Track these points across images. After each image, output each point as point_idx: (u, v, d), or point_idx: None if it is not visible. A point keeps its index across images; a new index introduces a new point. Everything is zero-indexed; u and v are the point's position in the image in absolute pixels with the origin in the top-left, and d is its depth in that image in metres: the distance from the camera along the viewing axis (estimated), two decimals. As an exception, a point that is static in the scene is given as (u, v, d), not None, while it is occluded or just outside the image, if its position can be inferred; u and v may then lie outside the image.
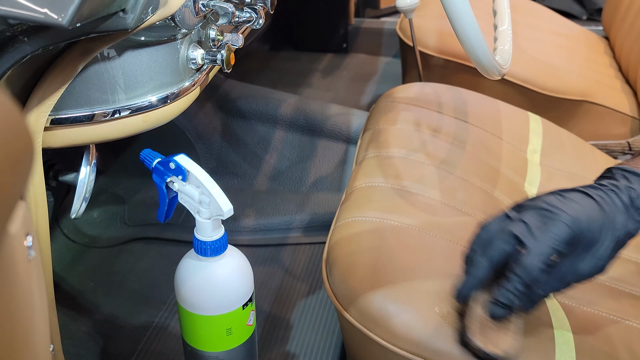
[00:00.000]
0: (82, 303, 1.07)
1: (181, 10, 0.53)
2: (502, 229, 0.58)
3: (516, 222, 0.57)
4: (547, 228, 0.55)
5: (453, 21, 0.66)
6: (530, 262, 0.54)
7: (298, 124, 1.40)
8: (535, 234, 0.55)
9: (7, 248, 0.29)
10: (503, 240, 0.57)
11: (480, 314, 0.58)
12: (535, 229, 0.55)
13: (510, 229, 0.57)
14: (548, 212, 0.56)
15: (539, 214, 0.57)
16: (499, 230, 0.58)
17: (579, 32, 1.56)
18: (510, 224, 0.58)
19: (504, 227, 0.58)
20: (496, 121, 1.01)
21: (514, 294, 0.55)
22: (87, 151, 0.64)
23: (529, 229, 0.56)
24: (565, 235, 0.55)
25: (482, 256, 0.58)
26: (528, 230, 0.56)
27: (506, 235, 0.57)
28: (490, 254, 0.57)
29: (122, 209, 1.28)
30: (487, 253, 0.57)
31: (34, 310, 0.34)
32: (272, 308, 1.06)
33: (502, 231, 0.57)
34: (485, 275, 0.58)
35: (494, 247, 0.57)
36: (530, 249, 0.55)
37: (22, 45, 0.45)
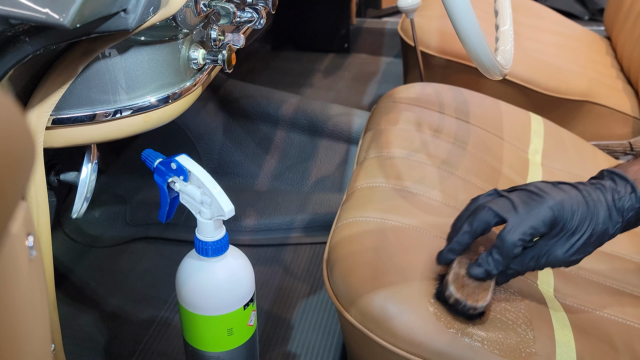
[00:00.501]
0: (83, 302, 1.07)
1: (182, 11, 0.53)
2: (488, 202, 0.63)
3: (503, 198, 0.62)
4: (531, 208, 0.60)
5: (454, 21, 0.66)
6: (508, 237, 0.59)
7: (299, 124, 1.40)
8: (519, 212, 0.60)
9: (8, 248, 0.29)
10: (487, 213, 0.61)
11: (459, 272, 0.62)
12: (519, 207, 0.60)
13: (495, 204, 0.62)
14: (535, 195, 0.61)
15: (526, 195, 0.61)
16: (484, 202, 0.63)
17: (581, 33, 1.56)
18: (497, 199, 0.63)
19: (490, 201, 0.63)
20: (497, 121, 1.01)
21: (492, 261, 0.60)
22: (88, 151, 0.64)
23: (513, 206, 0.61)
24: (546, 217, 0.59)
25: (466, 224, 0.63)
26: (512, 206, 0.61)
27: (489, 208, 0.61)
28: (473, 223, 0.62)
29: (124, 209, 1.28)
30: (472, 223, 0.62)
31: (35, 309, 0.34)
32: (273, 308, 1.06)
33: (488, 203, 0.62)
34: (467, 242, 0.63)
35: (478, 218, 0.62)
36: (510, 225, 0.60)
37: (24, 45, 0.46)
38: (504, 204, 0.61)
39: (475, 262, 0.62)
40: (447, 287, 0.62)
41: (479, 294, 0.61)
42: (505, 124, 1.01)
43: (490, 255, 0.61)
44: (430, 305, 0.64)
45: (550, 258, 0.61)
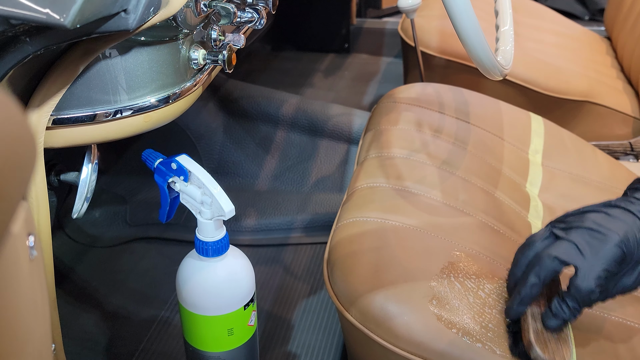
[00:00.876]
0: (84, 302, 1.07)
1: (183, 11, 0.53)
2: (550, 248, 0.59)
3: (565, 242, 0.59)
4: (599, 250, 0.57)
5: (455, 21, 0.66)
6: (585, 284, 0.57)
7: (299, 124, 1.40)
8: (586, 256, 0.57)
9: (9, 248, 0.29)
10: (553, 260, 0.58)
11: (536, 327, 0.60)
12: (586, 251, 0.57)
13: (559, 250, 0.59)
14: (598, 233, 0.58)
15: (588, 234, 0.58)
16: (546, 248, 0.60)
17: (581, 33, 1.56)
18: (559, 244, 0.59)
19: (553, 247, 0.59)
20: (498, 122, 1.01)
21: (567, 310, 0.58)
22: (88, 151, 0.64)
23: (579, 250, 0.58)
24: (616, 256, 0.57)
25: (532, 275, 0.59)
26: (578, 251, 0.58)
27: (556, 256, 0.58)
28: (541, 273, 0.59)
29: (124, 209, 1.28)
30: (538, 272, 0.59)
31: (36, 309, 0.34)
32: (274, 308, 1.06)
33: (551, 251, 0.59)
34: (536, 294, 0.60)
35: (544, 266, 0.59)
36: (582, 271, 0.57)
37: (24, 45, 0.46)
38: (568, 250, 0.58)
39: (550, 312, 0.59)
40: (532, 348, 0.58)
41: (563, 349, 0.59)
42: (505, 124, 1.01)
43: (564, 304, 0.59)
44: (431, 306, 0.64)
45: (619, 288, 0.59)
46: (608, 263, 0.57)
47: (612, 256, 0.57)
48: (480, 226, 0.77)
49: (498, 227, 0.79)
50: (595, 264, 0.57)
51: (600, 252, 0.57)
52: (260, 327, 1.02)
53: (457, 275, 0.67)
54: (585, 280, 0.57)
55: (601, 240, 0.57)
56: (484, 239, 0.75)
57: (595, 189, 0.93)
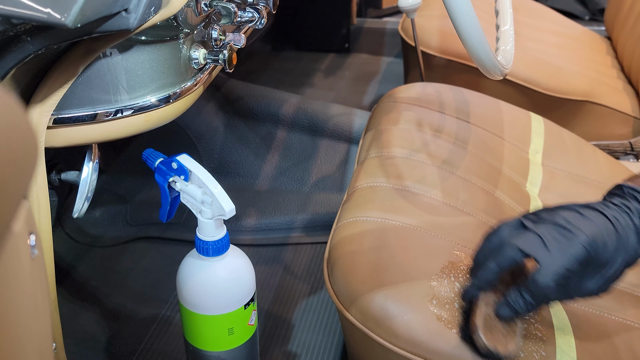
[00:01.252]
0: (84, 302, 1.07)
1: (183, 10, 0.53)
2: (515, 237, 0.58)
3: (531, 233, 0.58)
4: (563, 247, 0.55)
5: (455, 21, 0.66)
6: (543, 280, 0.55)
7: (300, 123, 1.40)
8: (550, 251, 0.56)
9: (10, 247, 0.29)
10: (515, 250, 0.57)
11: (486, 312, 0.59)
12: (551, 245, 0.56)
13: (523, 241, 0.57)
14: (566, 230, 0.56)
15: (556, 230, 0.57)
16: (511, 237, 0.59)
17: (581, 33, 1.56)
18: (524, 234, 0.58)
19: (518, 236, 0.58)
20: (498, 121, 1.01)
21: (522, 303, 0.57)
22: (89, 150, 0.64)
23: (544, 244, 0.56)
24: (581, 256, 0.55)
25: (492, 261, 0.58)
26: (543, 245, 0.56)
27: (518, 246, 0.57)
28: (500, 261, 0.58)
29: (124, 209, 1.28)
30: (498, 259, 0.58)
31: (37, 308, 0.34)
32: (274, 308, 1.06)
33: (515, 240, 0.58)
34: (493, 280, 0.59)
35: (505, 254, 0.57)
36: (544, 266, 0.55)
37: (25, 44, 0.46)
38: (532, 241, 0.57)
39: (504, 301, 0.58)
40: (476, 331, 0.58)
41: (508, 340, 0.58)
42: (505, 124, 1.01)
43: (520, 296, 0.57)
44: (431, 305, 0.64)
45: (582, 290, 0.57)
46: (570, 262, 0.55)
47: (576, 255, 0.55)
48: (481, 226, 0.77)
49: (498, 227, 0.79)
50: (558, 260, 0.55)
51: (564, 249, 0.55)
52: (261, 327, 1.02)
53: (458, 275, 0.67)
54: (544, 275, 0.55)
55: (568, 238, 0.56)
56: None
57: (596, 189, 0.93)
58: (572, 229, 0.56)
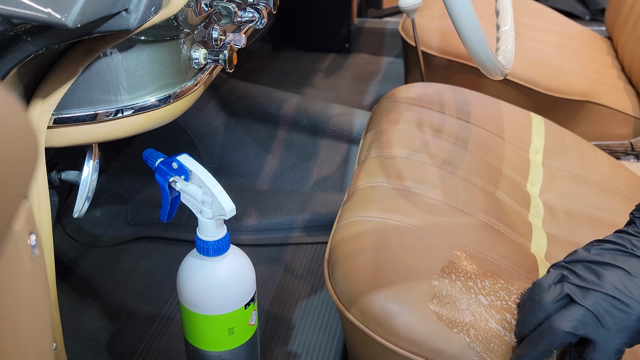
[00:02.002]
0: (85, 302, 1.07)
1: (184, 10, 0.53)
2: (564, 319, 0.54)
3: (581, 310, 0.54)
4: (620, 322, 0.53)
5: (455, 21, 0.66)
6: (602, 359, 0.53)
7: (300, 123, 1.40)
8: (607, 328, 0.53)
9: (11, 246, 0.29)
10: (567, 335, 0.54)
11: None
12: (606, 322, 0.53)
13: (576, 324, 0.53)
14: (619, 302, 0.53)
15: (608, 303, 0.53)
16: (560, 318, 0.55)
17: (582, 33, 1.56)
18: (574, 312, 0.54)
19: (567, 317, 0.54)
20: (498, 121, 1.01)
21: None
22: (89, 150, 0.64)
23: (598, 321, 0.53)
24: (638, 328, 0.53)
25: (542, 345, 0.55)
26: (597, 322, 0.53)
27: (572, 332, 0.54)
28: (553, 345, 0.55)
29: (125, 208, 1.28)
30: (551, 344, 0.55)
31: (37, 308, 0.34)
32: (274, 308, 1.06)
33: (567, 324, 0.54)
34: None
35: (557, 339, 0.54)
36: (601, 345, 0.53)
37: (26, 44, 0.46)
38: (586, 321, 0.53)
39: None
40: None
41: None
42: (506, 124, 1.01)
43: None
44: (432, 305, 0.64)
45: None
46: (630, 336, 0.52)
47: (634, 329, 0.52)
48: (481, 226, 0.77)
49: (499, 227, 0.79)
50: (615, 339, 0.52)
51: (620, 324, 0.52)
52: (261, 327, 1.02)
53: (458, 274, 0.67)
54: (604, 355, 0.52)
55: (623, 312, 0.52)
56: (485, 239, 0.75)
57: (596, 189, 0.93)
58: (626, 301, 0.53)
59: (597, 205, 0.90)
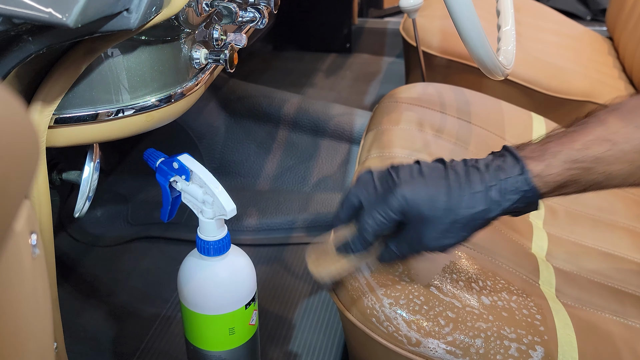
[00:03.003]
0: (85, 301, 1.07)
1: (185, 10, 0.53)
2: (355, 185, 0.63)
3: (367, 176, 0.62)
4: (383, 193, 0.59)
5: (456, 21, 0.66)
6: (363, 219, 0.59)
7: (301, 123, 1.40)
8: (377, 192, 0.60)
9: (12, 246, 0.29)
10: (354, 197, 0.62)
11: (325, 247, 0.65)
12: (377, 189, 0.60)
13: (358, 186, 0.62)
14: (390, 179, 0.60)
15: (385, 177, 0.61)
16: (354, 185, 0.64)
17: (583, 33, 1.56)
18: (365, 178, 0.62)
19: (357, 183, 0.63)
20: (499, 121, 1.01)
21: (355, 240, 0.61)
22: (90, 150, 0.64)
23: (373, 186, 0.61)
24: (395, 206, 0.57)
25: (340, 207, 0.64)
26: (372, 187, 0.61)
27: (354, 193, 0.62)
28: (345, 207, 0.63)
29: (126, 208, 1.29)
30: (344, 206, 0.63)
31: (38, 307, 0.34)
32: (275, 307, 1.06)
33: (354, 187, 0.63)
34: (340, 224, 0.64)
35: (348, 201, 0.62)
36: (365, 209, 0.60)
37: (27, 44, 0.46)
38: (365, 183, 0.61)
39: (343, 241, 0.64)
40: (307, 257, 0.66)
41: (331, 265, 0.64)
42: (506, 124, 1.01)
43: (356, 236, 0.61)
44: (432, 305, 0.64)
45: (422, 243, 0.59)
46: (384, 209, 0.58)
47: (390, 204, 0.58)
48: (482, 226, 0.77)
49: (499, 227, 0.79)
50: (375, 206, 0.59)
51: (382, 196, 0.59)
52: (262, 327, 1.02)
53: (459, 274, 0.67)
54: (363, 215, 0.59)
55: (388, 186, 0.59)
56: (485, 239, 0.75)
57: (597, 189, 0.93)
58: (395, 180, 0.59)
59: (597, 205, 0.90)
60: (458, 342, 0.62)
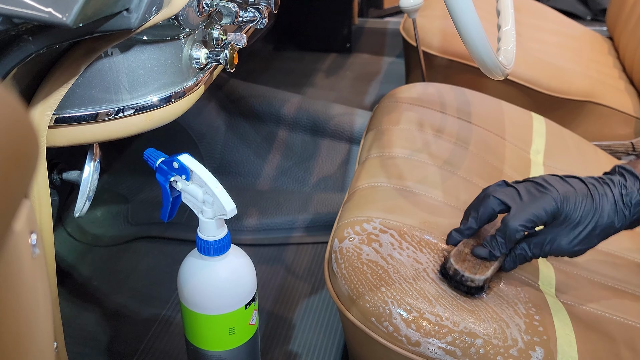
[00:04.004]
0: (85, 301, 1.07)
1: (185, 10, 0.53)
2: (495, 191, 0.67)
3: (510, 188, 0.67)
4: (535, 198, 0.63)
5: (456, 21, 0.66)
6: (512, 222, 0.63)
7: (301, 123, 1.40)
8: (523, 200, 0.64)
9: (12, 246, 0.29)
10: (492, 201, 0.66)
11: (462, 250, 0.67)
12: (524, 196, 0.64)
13: (501, 193, 0.66)
14: (541, 186, 0.64)
15: (532, 185, 0.65)
16: (492, 190, 0.67)
17: (583, 33, 1.56)
18: (504, 188, 0.67)
19: (498, 190, 0.67)
20: (499, 121, 1.01)
21: (495, 243, 0.65)
22: (90, 150, 0.64)
23: (518, 195, 0.65)
24: (548, 207, 0.62)
25: (474, 211, 0.67)
26: (517, 195, 0.65)
27: (497, 197, 0.66)
28: (481, 210, 0.66)
29: (126, 208, 1.29)
30: (479, 209, 0.67)
31: (38, 307, 0.34)
32: (275, 307, 1.06)
33: (495, 192, 0.67)
34: (473, 227, 0.68)
35: (485, 204, 0.66)
36: (514, 211, 0.64)
37: (27, 44, 0.46)
38: (509, 193, 0.65)
39: (481, 244, 0.66)
40: (448, 260, 0.66)
41: (478, 269, 0.64)
42: (507, 124, 1.01)
43: (494, 238, 0.65)
44: (432, 305, 0.64)
45: (554, 246, 0.64)
46: (538, 210, 0.62)
47: (544, 206, 0.62)
48: (482, 226, 0.77)
49: (499, 227, 0.79)
50: (527, 208, 0.63)
51: (535, 200, 0.63)
52: (262, 327, 1.02)
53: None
54: (513, 219, 0.63)
55: (540, 191, 0.64)
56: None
57: (597, 189, 0.93)
58: (546, 185, 0.64)
59: (598, 205, 0.89)
60: (458, 342, 0.62)
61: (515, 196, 0.65)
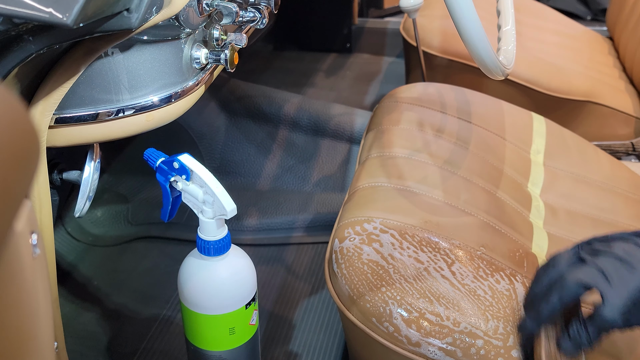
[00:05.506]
0: (86, 301, 1.07)
1: (185, 10, 0.53)
2: (576, 272, 0.57)
3: (591, 267, 0.57)
4: (627, 280, 0.55)
5: (456, 21, 0.66)
6: (609, 314, 0.54)
7: (301, 123, 1.40)
8: (613, 284, 0.55)
9: (12, 246, 0.29)
10: (577, 285, 0.56)
11: (548, 347, 0.58)
12: (613, 279, 0.55)
13: (585, 275, 0.57)
14: (626, 263, 0.56)
15: (617, 263, 0.56)
16: (571, 271, 0.58)
17: (583, 33, 1.56)
18: (585, 268, 0.57)
19: (579, 271, 0.57)
20: (499, 121, 1.01)
21: (585, 335, 0.56)
22: (91, 150, 0.64)
23: (605, 278, 0.56)
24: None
25: (554, 296, 0.58)
26: (604, 278, 0.56)
27: (580, 281, 0.56)
28: (563, 295, 0.57)
29: (126, 208, 1.29)
30: (560, 294, 0.57)
31: (39, 307, 0.34)
32: (275, 307, 1.06)
33: (577, 274, 0.57)
34: (555, 314, 0.58)
35: (567, 289, 0.57)
36: (609, 300, 0.55)
37: (27, 44, 0.46)
38: (595, 275, 0.56)
39: (567, 336, 0.58)
40: None
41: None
42: (507, 124, 1.01)
43: (583, 329, 0.56)
44: (433, 305, 0.64)
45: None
46: (636, 295, 0.54)
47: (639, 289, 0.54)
48: (482, 226, 0.77)
49: (500, 227, 0.79)
50: (622, 294, 0.54)
51: (627, 282, 0.54)
52: (262, 327, 1.02)
53: (460, 275, 0.67)
54: (610, 309, 0.54)
55: (629, 271, 0.55)
56: (486, 239, 0.75)
57: (597, 189, 0.93)
58: (632, 262, 0.55)
59: (598, 205, 0.90)
60: (458, 343, 0.62)
61: (602, 279, 0.55)
